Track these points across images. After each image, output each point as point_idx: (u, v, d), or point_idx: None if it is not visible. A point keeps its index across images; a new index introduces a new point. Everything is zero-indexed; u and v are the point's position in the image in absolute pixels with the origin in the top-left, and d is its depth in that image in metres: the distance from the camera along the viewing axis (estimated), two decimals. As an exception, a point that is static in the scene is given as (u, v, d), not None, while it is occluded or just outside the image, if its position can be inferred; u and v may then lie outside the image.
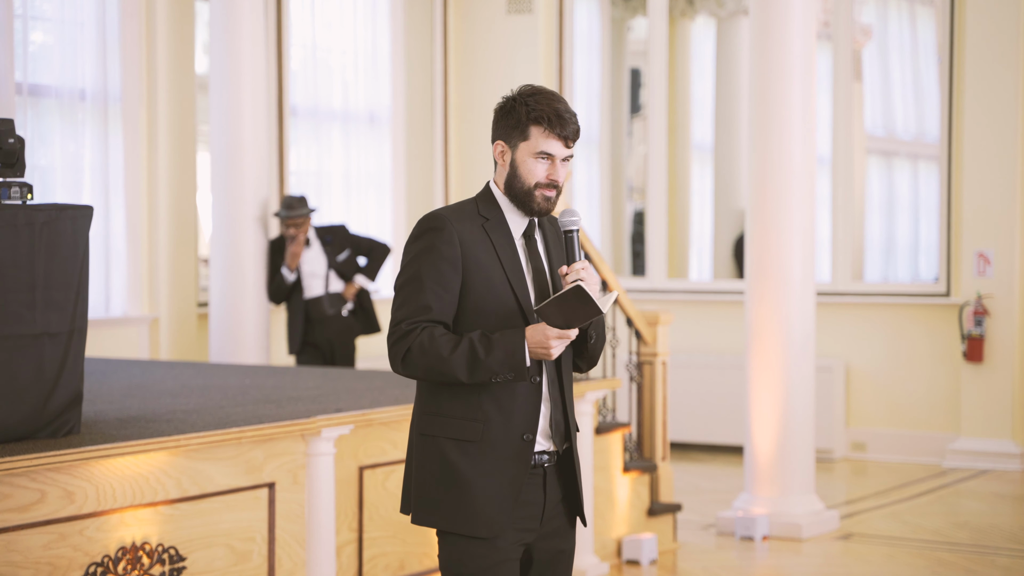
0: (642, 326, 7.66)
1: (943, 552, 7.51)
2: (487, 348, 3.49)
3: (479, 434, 3.55)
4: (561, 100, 3.61)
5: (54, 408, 4.81)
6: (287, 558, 5.40)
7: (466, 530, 3.56)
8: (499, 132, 3.64)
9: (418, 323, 3.53)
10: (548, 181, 3.59)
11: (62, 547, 4.67)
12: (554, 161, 3.59)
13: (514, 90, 3.64)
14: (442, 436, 3.58)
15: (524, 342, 3.50)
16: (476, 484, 3.55)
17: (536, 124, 3.57)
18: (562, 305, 3.48)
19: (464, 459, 3.55)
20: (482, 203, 3.64)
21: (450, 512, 3.57)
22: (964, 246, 10.04)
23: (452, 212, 3.60)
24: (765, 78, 7.83)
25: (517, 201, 3.62)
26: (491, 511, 3.55)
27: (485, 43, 11.43)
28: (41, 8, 8.76)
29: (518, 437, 3.57)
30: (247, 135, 8.78)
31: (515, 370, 3.50)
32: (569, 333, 3.51)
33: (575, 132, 3.61)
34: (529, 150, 3.58)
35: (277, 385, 6.61)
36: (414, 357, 3.51)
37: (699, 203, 12.01)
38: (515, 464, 3.57)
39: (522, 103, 3.59)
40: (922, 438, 10.33)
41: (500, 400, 3.56)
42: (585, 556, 6.88)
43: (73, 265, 4.85)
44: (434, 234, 3.54)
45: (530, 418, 3.58)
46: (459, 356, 3.49)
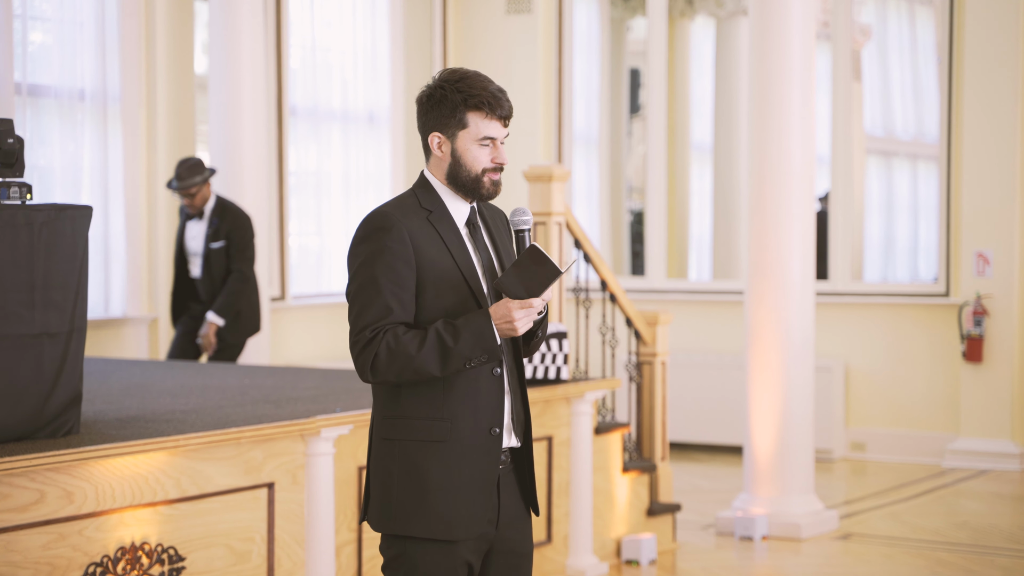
0: (641, 326, 7.66)
1: (942, 552, 7.51)
2: (454, 336, 3.39)
3: (447, 433, 3.46)
4: (490, 80, 3.53)
5: (53, 408, 4.81)
6: (286, 558, 5.40)
7: (438, 533, 3.46)
8: (432, 123, 3.54)
9: (381, 327, 3.42)
10: (494, 165, 3.52)
11: (61, 547, 4.67)
12: (495, 143, 3.52)
13: (436, 77, 3.55)
14: (407, 439, 3.48)
15: (491, 321, 3.41)
16: (448, 487, 3.46)
17: (475, 110, 3.50)
18: (520, 271, 3.40)
19: (433, 461, 3.46)
20: (422, 194, 3.54)
21: (419, 516, 3.47)
22: (963, 246, 10.04)
23: (395, 208, 3.50)
24: (764, 78, 7.83)
25: (463, 190, 3.53)
26: (461, 512, 3.47)
27: (484, 43, 11.43)
28: (40, 8, 8.76)
29: (486, 432, 3.49)
30: (246, 135, 8.78)
31: (487, 351, 3.41)
32: (533, 302, 3.41)
33: (510, 110, 3.54)
34: (471, 137, 3.51)
35: (276, 385, 6.61)
36: (382, 362, 3.41)
37: (698, 203, 12.01)
38: (486, 460, 3.49)
39: (453, 90, 3.50)
40: (921, 438, 10.33)
41: (464, 396, 3.47)
42: (584, 556, 6.88)
43: (72, 265, 4.85)
44: (383, 233, 3.44)
45: (495, 411, 3.50)
46: (428, 351, 3.39)
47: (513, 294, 3.42)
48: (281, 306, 10.05)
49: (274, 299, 9.97)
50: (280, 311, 10.05)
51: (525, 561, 3.64)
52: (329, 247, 10.66)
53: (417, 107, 3.59)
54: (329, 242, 10.65)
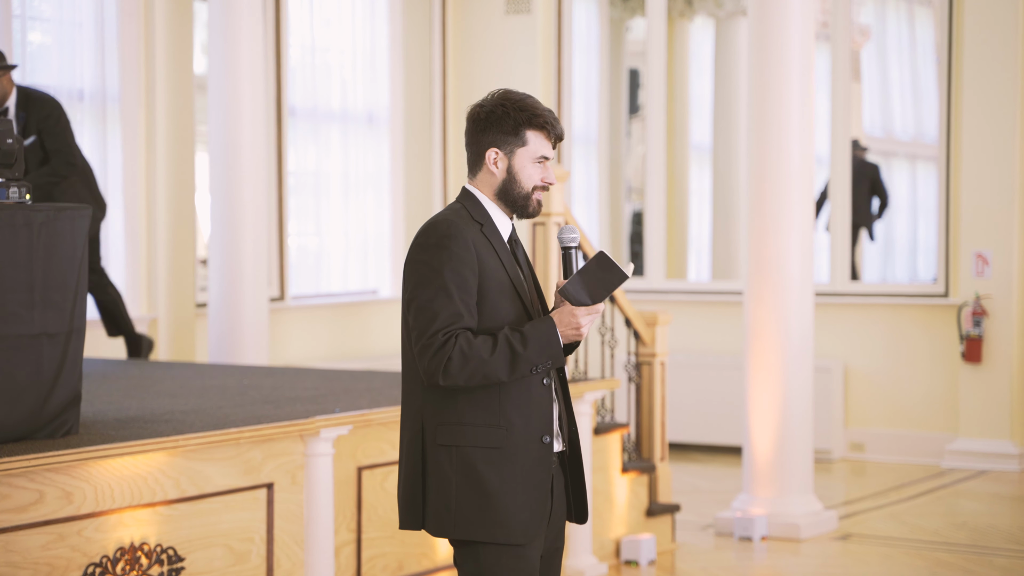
0: (641, 326, 7.66)
1: (942, 552, 7.51)
2: (523, 342, 3.50)
3: (503, 440, 3.55)
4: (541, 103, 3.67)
5: (52, 408, 4.81)
6: (286, 558, 5.40)
7: (503, 538, 3.54)
8: (490, 139, 3.62)
9: (452, 332, 3.51)
10: (543, 184, 3.64)
11: (60, 547, 4.67)
12: (546, 164, 3.65)
13: (495, 95, 3.64)
14: (466, 445, 3.56)
15: (556, 328, 3.53)
16: (506, 491, 3.54)
17: (537, 129, 3.61)
18: (587, 277, 3.52)
19: (491, 467, 3.54)
20: (471, 208, 3.64)
21: (484, 522, 3.55)
22: (963, 246, 10.04)
23: (458, 219, 3.59)
24: (764, 78, 7.83)
25: (511, 206, 3.64)
26: (524, 517, 3.56)
27: (484, 43, 11.43)
28: (39, 8, 8.76)
29: (538, 440, 3.59)
30: (246, 135, 8.78)
31: (553, 357, 3.53)
32: (598, 307, 3.55)
33: (563, 132, 3.68)
34: (529, 155, 3.61)
35: (276, 385, 6.61)
36: (455, 365, 3.49)
37: (698, 203, 12.02)
38: (539, 466, 3.59)
39: (517, 108, 3.61)
40: (921, 438, 10.33)
41: (519, 403, 3.57)
42: (583, 556, 6.88)
43: (71, 265, 4.85)
44: (452, 241, 3.53)
45: (546, 419, 3.60)
46: (499, 356, 3.49)
47: (577, 300, 3.53)
48: (280, 306, 10.05)
49: (273, 299, 9.97)
50: (279, 311, 10.05)
51: (556, 556, 3.75)
52: (328, 247, 10.66)
53: (470, 123, 3.66)
54: (328, 242, 10.65)
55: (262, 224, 8.95)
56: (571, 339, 3.56)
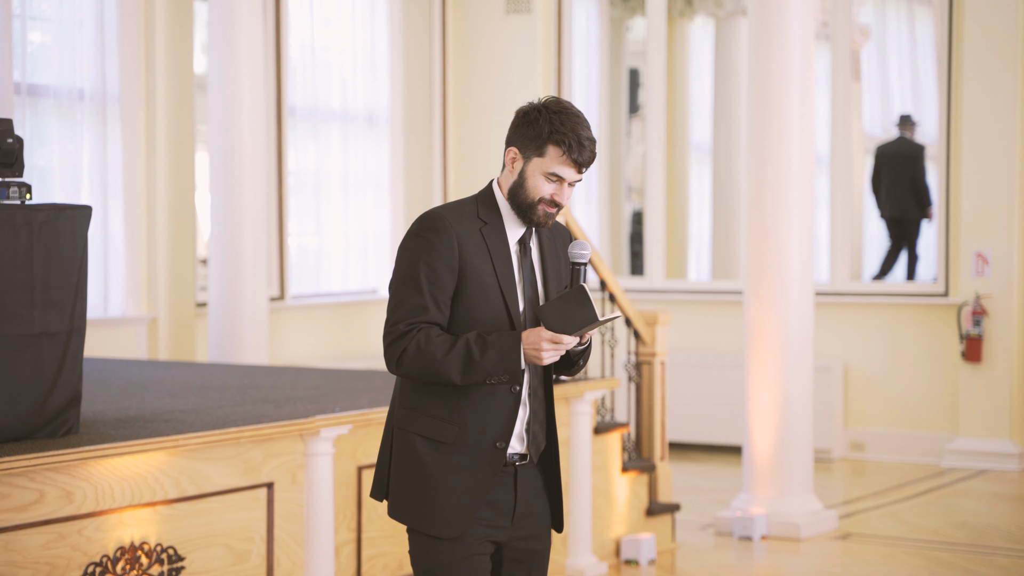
0: (641, 326, 7.67)
1: (941, 552, 7.51)
2: (482, 349, 3.47)
3: (452, 436, 3.54)
4: (586, 125, 3.54)
5: (53, 408, 4.81)
6: (286, 558, 5.40)
7: (429, 529, 3.55)
8: (515, 139, 3.57)
9: (415, 324, 3.50)
10: (552, 200, 3.56)
11: (61, 547, 4.67)
12: (562, 183, 3.55)
13: (541, 99, 3.58)
14: (416, 433, 3.56)
15: (520, 344, 3.48)
16: (442, 484, 3.54)
17: (556, 145, 3.51)
18: (563, 305, 3.45)
19: (434, 457, 3.54)
20: (482, 205, 3.60)
21: (417, 510, 3.56)
22: (963, 246, 10.04)
23: (452, 212, 3.56)
24: (764, 78, 7.83)
25: (518, 210, 3.58)
26: (454, 512, 3.54)
27: (484, 43, 11.43)
28: (39, 8, 8.75)
29: (491, 444, 3.56)
30: (246, 135, 8.78)
31: (509, 371, 3.48)
32: (563, 339, 3.46)
33: (590, 159, 3.55)
34: (542, 167, 3.53)
35: (276, 385, 6.61)
36: (409, 357, 3.49)
37: (697, 203, 12.02)
38: (485, 468, 3.56)
39: (547, 119, 3.52)
40: (920, 438, 10.33)
41: (477, 405, 3.54)
42: (583, 556, 6.88)
43: (72, 265, 4.85)
44: (433, 234, 3.51)
45: (505, 426, 3.56)
46: (454, 358, 3.47)
47: (549, 325, 3.47)
48: (280, 306, 10.05)
49: (273, 299, 9.97)
50: (279, 311, 10.05)
51: (538, 558, 3.71)
52: (328, 247, 10.65)
53: (514, 117, 3.61)
54: (328, 242, 10.64)
55: (262, 224, 8.96)
56: (532, 360, 3.49)
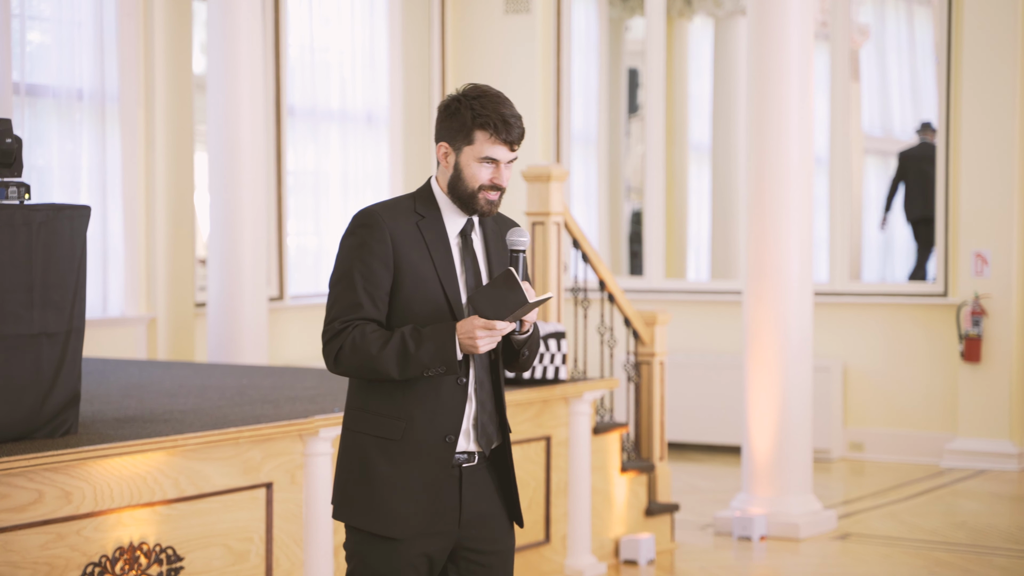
0: (640, 326, 7.66)
1: (941, 552, 7.51)
2: (417, 342, 3.46)
3: (400, 432, 3.53)
4: (507, 103, 3.56)
5: (52, 408, 4.81)
6: (285, 558, 5.40)
7: (379, 529, 3.52)
8: (443, 133, 3.59)
9: (350, 321, 3.50)
10: (492, 184, 3.56)
11: (60, 547, 4.67)
12: (499, 165, 3.56)
13: (458, 90, 3.59)
14: (365, 433, 3.56)
15: (455, 335, 3.47)
16: (393, 484, 3.52)
17: (482, 129, 3.53)
18: (492, 291, 3.43)
19: (383, 457, 3.53)
20: (420, 200, 3.60)
21: (367, 511, 3.54)
22: (962, 246, 10.04)
23: (386, 209, 3.57)
24: (763, 78, 7.83)
25: (460, 202, 3.58)
26: (406, 512, 3.52)
27: (483, 43, 11.43)
28: (38, 8, 8.75)
29: (440, 438, 3.54)
30: (245, 135, 8.78)
31: (446, 363, 3.47)
32: (496, 325, 3.45)
33: (520, 136, 3.57)
34: (474, 154, 3.54)
35: (275, 385, 6.61)
36: (345, 355, 3.49)
37: (697, 203, 12.02)
38: (435, 465, 3.54)
39: (467, 106, 3.54)
40: (920, 438, 10.33)
41: (424, 400, 3.53)
42: (582, 556, 6.88)
43: (71, 265, 4.85)
44: (366, 231, 3.52)
45: (454, 419, 3.55)
46: (389, 352, 3.46)
47: (481, 312, 3.46)
48: (279, 306, 10.05)
49: (272, 299, 9.97)
50: (278, 311, 10.05)
51: (497, 559, 3.67)
52: (327, 247, 10.65)
53: (437, 114, 3.63)
54: (327, 242, 10.64)
55: (261, 224, 8.96)
56: (467, 349, 3.47)
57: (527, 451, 6.65)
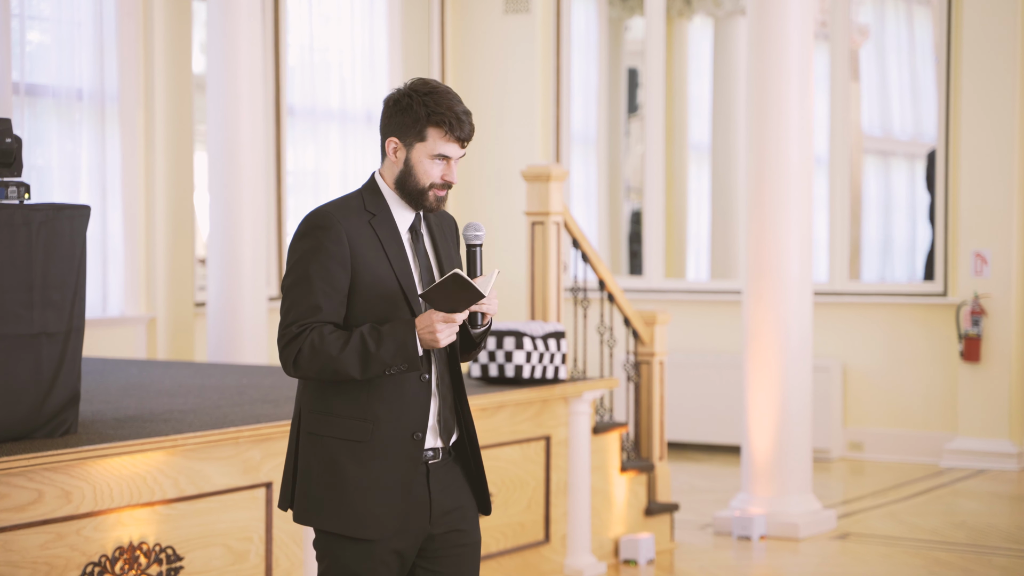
0: (639, 326, 7.67)
1: (940, 552, 7.51)
2: (377, 341, 3.44)
3: (368, 434, 3.50)
4: (458, 100, 3.55)
5: (51, 408, 4.81)
6: (284, 558, 5.40)
7: (354, 532, 3.50)
8: (392, 128, 3.55)
9: (308, 324, 3.47)
10: (443, 182, 3.56)
11: (59, 547, 4.67)
12: (449, 162, 3.55)
13: (407, 84, 3.56)
14: (330, 436, 3.52)
15: (414, 331, 3.45)
16: (364, 486, 3.50)
17: (436, 127, 3.51)
18: (444, 291, 3.43)
19: (352, 460, 3.50)
20: (368, 197, 3.57)
21: (337, 513, 3.51)
22: (961, 246, 10.05)
23: (338, 208, 3.53)
24: (762, 78, 7.83)
25: (408, 198, 3.57)
26: (379, 512, 3.50)
27: (482, 43, 11.43)
28: (38, 8, 8.76)
29: (408, 436, 3.52)
30: (244, 135, 8.78)
31: (408, 360, 3.45)
32: (455, 317, 3.45)
33: (471, 133, 3.56)
34: (426, 151, 3.53)
35: (274, 385, 6.61)
36: (304, 358, 3.46)
37: (696, 203, 12.01)
38: (405, 464, 3.52)
39: (420, 102, 3.51)
40: (919, 438, 10.33)
41: (389, 399, 3.51)
42: (582, 556, 6.88)
43: (70, 265, 4.85)
44: (321, 232, 3.48)
45: (420, 416, 3.54)
46: (350, 353, 3.43)
47: (437, 307, 3.45)
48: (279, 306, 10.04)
49: (272, 299, 9.97)
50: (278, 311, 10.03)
51: (466, 551, 3.67)
52: (327, 247, 10.64)
53: (382, 108, 3.60)
54: (327, 242, 10.63)
55: (261, 223, 8.96)
56: (428, 344, 3.45)
57: (527, 450, 6.65)
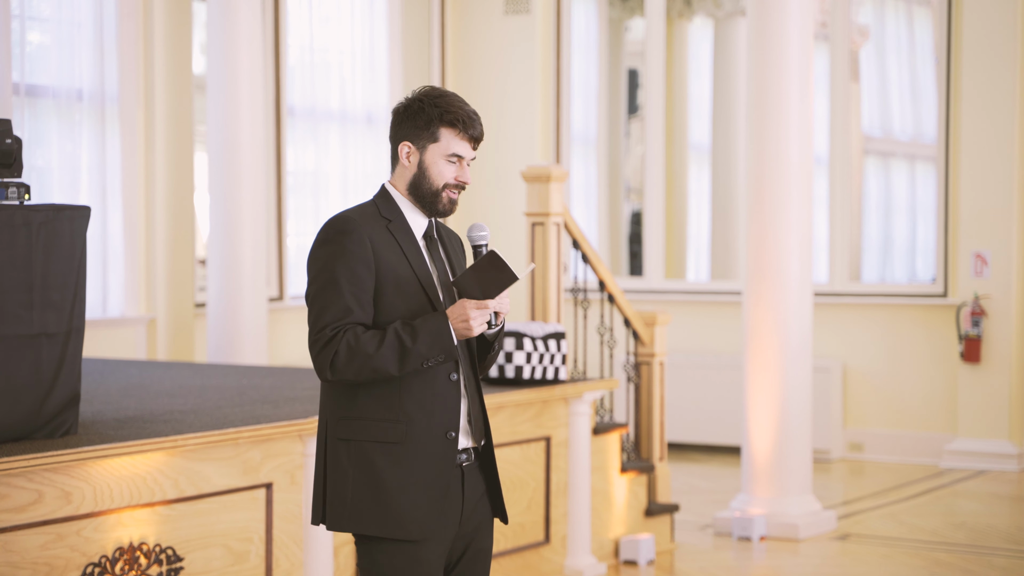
0: (639, 326, 7.67)
1: (940, 552, 7.51)
2: (412, 335, 3.47)
3: (402, 435, 3.52)
4: (466, 102, 3.63)
5: (51, 408, 4.81)
6: (284, 558, 5.40)
7: (397, 534, 3.51)
8: (404, 133, 3.61)
9: (341, 326, 3.49)
10: (456, 182, 3.61)
11: (59, 547, 4.67)
12: (462, 163, 3.61)
13: (416, 92, 3.64)
14: (364, 440, 3.54)
15: (448, 322, 3.49)
16: (403, 487, 3.51)
17: (449, 126, 3.58)
18: (478, 274, 3.49)
19: (388, 462, 3.52)
20: (382, 205, 3.62)
21: (376, 517, 3.52)
22: (961, 247, 10.05)
23: (358, 214, 3.58)
24: (762, 79, 7.83)
25: (422, 202, 3.62)
26: (419, 513, 3.52)
27: (482, 43, 11.43)
28: (38, 8, 8.76)
29: (442, 435, 3.55)
30: (244, 135, 8.78)
31: (444, 350, 3.49)
32: (487, 303, 3.50)
33: (482, 133, 3.65)
34: (440, 152, 3.59)
35: (274, 385, 6.61)
36: (341, 360, 3.47)
37: (696, 203, 12.01)
38: (440, 463, 3.55)
39: (431, 104, 3.58)
40: (919, 438, 10.33)
41: (421, 398, 3.54)
42: (582, 556, 6.88)
43: (70, 265, 4.85)
44: (345, 237, 3.52)
45: (452, 414, 3.56)
46: (387, 349, 3.46)
47: (468, 294, 3.51)
48: (279, 306, 10.05)
49: (272, 299, 9.97)
50: (278, 311, 10.05)
51: (484, 556, 3.71)
52: (327, 247, 10.64)
53: (392, 117, 3.66)
54: (327, 242, 10.63)
55: (261, 224, 8.96)
56: (462, 333, 3.50)
57: (527, 451, 6.65)
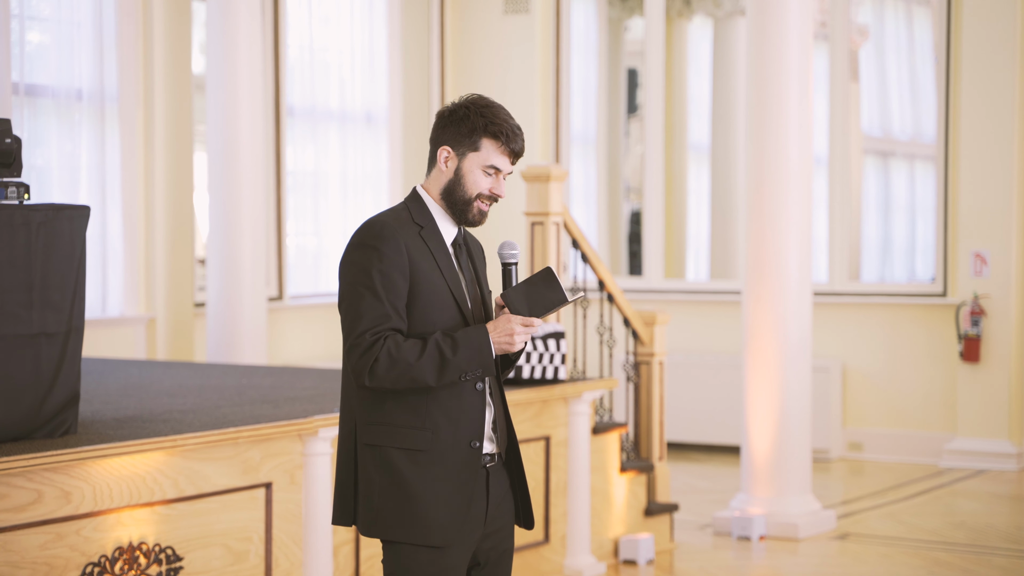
0: (639, 326, 7.67)
1: (940, 552, 7.51)
2: (453, 348, 3.47)
3: (428, 443, 3.52)
4: (512, 117, 3.62)
5: (51, 408, 4.81)
6: (284, 558, 5.40)
7: (420, 539, 3.52)
8: (446, 138, 3.59)
9: (381, 333, 3.48)
10: (490, 194, 3.59)
11: (59, 547, 4.67)
12: (499, 176, 3.60)
13: (463, 98, 3.62)
14: (390, 446, 3.53)
15: (488, 337, 3.49)
16: (427, 493, 3.52)
17: (492, 138, 3.56)
18: (530, 289, 3.48)
19: (414, 468, 3.52)
20: (414, 210, 3.60)
21: (404, 523, 3.53)
22: (961, 246, 10.05)
23: (392, 219, 3.56)
24: (762, 78, 7.83)
25: (453, 209, 3.60)
26: (444, 519, 3.52)
27: (482, 43, 11.43)
28: (38, 8, 8.75)
29: (466, 444, 3.55)
30: (244, 135, 8.78)
31: (483, 365, 3.49)
32: (535, 322, 3.50)
33: (523, 149, 3.62)
34: (479, 161, 3.57)
35: (274, 385, 6.61)
36: (382, 367, 3.46)
37: (696, 203, 12.02)
38: (465, 471, 3.55)
39: (477, 113, 3.57)
40: (919, 438, 10.33)
41: (447, 407, 3.53)
42: (582, 556, 6.88)
43: (70, 265, 4.85)
44: (381, 242, 3.50)
45: (476, 424, 3.57)
46: (427, 360, 3.46)
47: (516, 309, 3.50)
48: (279, 306, 10.05)
49: (272, 299, 9.97)
50: (277, 311, 10.05)
51: (507, 557, 3.72)
52: (327, 247, 10.66)
53: (435, 119, 3.64)
54: (327, 242, 10.65)
55: (260, 224, 8.96)
56: (503, 349, 3.50)
57: (527, 451, 6.65)
